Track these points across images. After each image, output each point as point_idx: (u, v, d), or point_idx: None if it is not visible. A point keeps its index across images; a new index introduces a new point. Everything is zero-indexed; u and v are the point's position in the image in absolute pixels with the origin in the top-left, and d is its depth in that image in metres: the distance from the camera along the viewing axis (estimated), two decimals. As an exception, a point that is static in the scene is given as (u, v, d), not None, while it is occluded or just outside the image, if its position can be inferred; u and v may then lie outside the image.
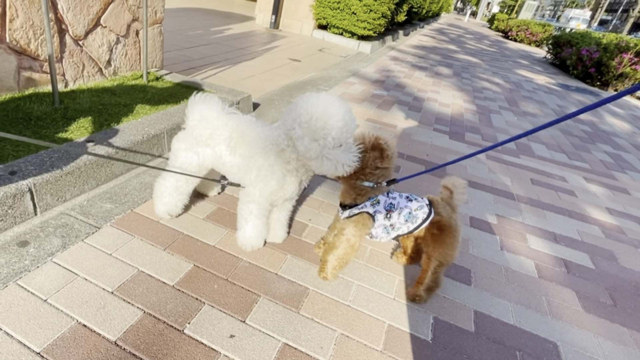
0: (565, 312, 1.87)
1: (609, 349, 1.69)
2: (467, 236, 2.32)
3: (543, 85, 8.13)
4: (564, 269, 2.19)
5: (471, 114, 5.03)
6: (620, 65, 8.57)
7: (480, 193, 2.90)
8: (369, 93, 5.07)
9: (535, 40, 18.26)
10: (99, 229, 1.82)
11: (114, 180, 2.23)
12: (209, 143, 1.78)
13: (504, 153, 3.83)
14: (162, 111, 2.81)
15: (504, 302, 1.86)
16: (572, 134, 4.95)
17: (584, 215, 2.87)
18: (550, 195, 3.10)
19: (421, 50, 10.03)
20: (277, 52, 6.46)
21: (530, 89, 7.48)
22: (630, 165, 4.19)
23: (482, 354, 1.55)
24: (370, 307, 1.68)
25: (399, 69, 7.09)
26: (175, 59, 4.80)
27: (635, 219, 2.96)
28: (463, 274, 1.99)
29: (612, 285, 2.12)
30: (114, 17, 3.18)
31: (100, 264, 1.63)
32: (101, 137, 2.29)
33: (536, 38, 18.24)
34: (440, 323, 1.66)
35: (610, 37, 9.91)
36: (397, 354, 1.48)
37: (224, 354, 1.36)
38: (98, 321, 1.39)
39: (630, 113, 6.96)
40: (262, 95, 4.18)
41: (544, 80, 8.94)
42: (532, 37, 18.45)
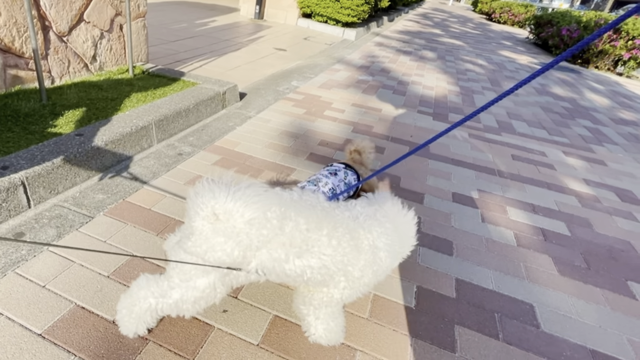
0: (542, 276, 1.95)
1: (582, 307, 1.77)
2: (449, 210, 2.39)
3: (525, 65, 8.19)
4: (541, 237, 2.27)
5: (455, 96, 5.08)
6: (600, 42, 8.64)
7: (463, 170, 2.96)
8: (354, 79, 5.10)
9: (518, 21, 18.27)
10: (92, 218, 1.86)
11: (105, 172, 2.26)
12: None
13: (486, 131, 3.90)
14: (149, 104, 2.83)
15: (484, 269, 1.93)
16: (553, 111, 5.02)
17: (562, 186, 2.95)
18: (530, 169, 3.18)
19: (406, 35, 10.03)
20: (262, 42, 6.45)
21: (512, 69, 7.53)
22: (608, 138, 4.28)
23: (462, 317, 1.62)
24: (356, 279, 1.74)
25: (384, 54, 7.10)
26: (160, 52, 4.78)
27: (610, 188, 3.05)
28: (445, 245, 2.06)
29: (586, 250, 2.21)
30: (97, 12, 3.17)
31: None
32: (90, 130, 2.31)
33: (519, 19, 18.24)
34: (423, 291, 1.73)
35: (589, 15, 9.97)
36: (382, 321, 1.55)
37: (217, 328, 1.42)
38: (96, 303, 1.44)
39: (609, 89, 7.05)
40: (248, 85, 4.19)
41: (527, 60, 9.00)
42: (515, 18, 18.46)
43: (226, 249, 1.08)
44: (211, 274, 1.13)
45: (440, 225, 2.23)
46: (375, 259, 1.18)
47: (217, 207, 1.05)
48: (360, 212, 1.22)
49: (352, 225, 1.17)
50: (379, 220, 1.21)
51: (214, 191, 1.06)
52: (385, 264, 1.21)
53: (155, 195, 2.10)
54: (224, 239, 1.07)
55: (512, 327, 1.61)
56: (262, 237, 1.07)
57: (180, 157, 2.54)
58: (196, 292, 1.17)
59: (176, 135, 2.84)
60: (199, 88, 3.32)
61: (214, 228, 1.08)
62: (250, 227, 1.06)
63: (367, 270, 1.19)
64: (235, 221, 1.06)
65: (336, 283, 1.20)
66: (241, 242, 1.07)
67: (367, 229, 1.18)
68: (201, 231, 1.09)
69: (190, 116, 2.99)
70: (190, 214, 1.10)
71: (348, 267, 1.16)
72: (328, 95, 4.25)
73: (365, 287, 1.24)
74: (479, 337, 1.54)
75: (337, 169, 1.79)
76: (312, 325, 1.35)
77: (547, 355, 1.51)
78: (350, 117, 3.69)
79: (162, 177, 2.28)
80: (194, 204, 1.08)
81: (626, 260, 2.17)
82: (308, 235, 1.11)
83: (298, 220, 1.11)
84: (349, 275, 1.18)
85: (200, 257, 1.10)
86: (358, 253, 1.16)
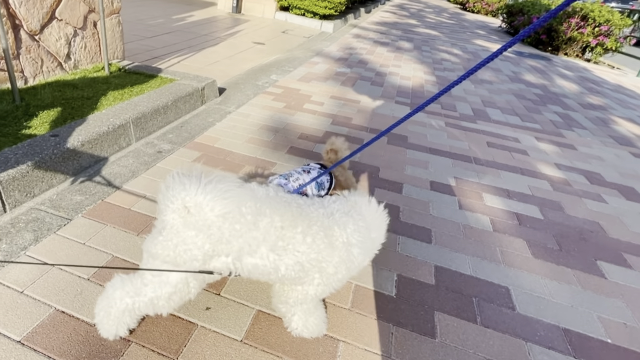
0: (517, 259, 1.97)
1: (555, 288, 1.81)
2: (427, 199, 2.40)
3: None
4: (516, 222, 2.30)
5: (431, 85, 5.09)
6: (569, 29, 8.76)
7: (440, 158, 2.98)
8: (333, 71, 5.05)
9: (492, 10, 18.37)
10: (70, 220, 1.80)
11: (83, 173, 2.19)
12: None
13: (462, 120, 3.92)
14: (126, 101, 2.74)
15: (462, 255, 1.95)
16: (525, 98, 5.08)
17: (534, 171, 3.00)
18: (505, 155, 3.21)
19: (383, 27, 9.99)
20: (240, 36, 6.33)
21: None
22: (577, 123, 4.35)
23: (441, 303, 1.63)
24: (338, 270, 1.74)
25: (362, 45, 7.06)
26: (137, 49, 4.65)
27: (580, 171, 3.11)
28: (424, 233, 2.07)
29: (558, 232, 2.25)
30: (69, 9, 3.05)
31: (75, 253, 1.62)
32: (65, 131, 2.23)
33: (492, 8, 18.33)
34: (404, 279, 1.73)
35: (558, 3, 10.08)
36: (364, 310, 1.55)
37: (201, 325, 1.39)
38: (76, 307, 1.40)
39: (578, 75, 7.17)
40: (227, 80, 4.11)
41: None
42: (489, 7, 18.55)
43: (197, 242, 1.06)
44: (182, 266, 1.10)
45: (418, 213, 2.24)
46: (349, 255, 1.18)
47: (188, 200, 1.03)
48: (336, 209, 1.20)
49: (326, 222, 1.16)
50: (353, 218, 1.20)
51: (185, 184, 1.03)
52: (358, 260, 1.21)
53: (135, 195, 2.05)
54: (195, 233, 1.05)
55: (489, 311, 1.63)
56: (235, 231, 1.05)
57: (160, 155, 2.48)
58: (169, 287, 1.14)
59: (155, 133, 2.77)
60: (177, 84, 3.24)
61: (185, 221, 1.06)
62: (223, 221, 1.04)
63: (341, 267, 1.18)
64: (205, 214, 1.03)
65: (310, 280, 1.19)
66: (212, 235, 1.05)
67: (341, 226, 1.17)
68: (172, 225, 1.07)
69: (168, 113, 2.92)
70: (161, 207, 1.08)
71: (322, 263, 1.15)
72: (307, 88, 4.21)
73: (339, 282, 1.23)
74: (457, 322, 1.55)
75: (312, 167, 1.78)
76: (293, 321, 1.35)
77: (522, 336, 1.53)
78: (329, 110, 3.66)
79: (141, 176, 2.22)
80: (164, 197, 1.06)
81: (595, 241, 2.22)
82: (283, 233, 1.10)
83: (273, 217, 1.09)
84: (323, 272, 1.17)
85: (171, 250, 1.07)
86: (332, 250, 1.15)
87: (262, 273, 1.12)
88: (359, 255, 1.19)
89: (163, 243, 1.08)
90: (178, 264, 1.10)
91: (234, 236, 1.06)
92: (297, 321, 1.34)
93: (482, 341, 1.48)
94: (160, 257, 1.09)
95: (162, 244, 1.09)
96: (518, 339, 1.51)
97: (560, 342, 1.52)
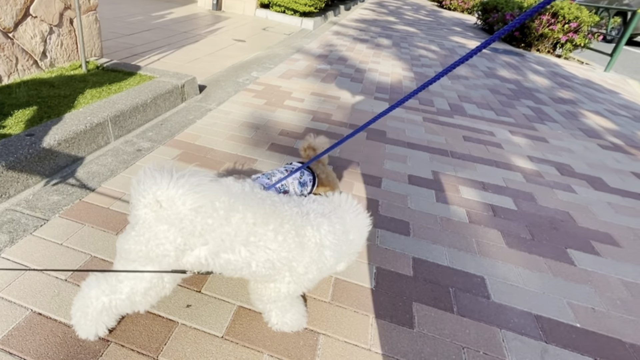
0: (492, 249, 2.00)
1: (527, 276, 1.84)
2: (405, 192, 2.41)
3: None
4: (491, 213, 2.34)
5: (409, 81, 5.11)
6: (540, 26, 8.91)
7: (418, 153, 3.00)
8: (313, 68, 5.03)
9: (467, 7, 18.55)
10: (47, 221, 1.75)
11: (60, 172, 2.12)
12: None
13: (439, 114, 3.95)
14: (104, 99, 2.67)
15: (439, 247, 1.97)
16: (500, 93, 5.16)
17: (508, 164, 3.04)
18: (480, 149, 3.25)
19: (362, 24, 9.98)
20: (221, 33, 6.23)
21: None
22: (549, 116, 4.44)
23: (419, 294, 1.65)
24: (318, 265, 1.73)
25: (342, 42, 7.04)
26: (116, 46, 4.53)
27: (551, 163, 3.17)
28: (402, 226, 2.08)
29: (531, 222, 2.29)
30: (44, 6, 2.95)
31: (52, 254, 1.57)
32: (41, 130, 2.16)
33: (468, 5, 18.52)
34: (382, 272, 1.74)
35: (530, 1, 10.24)
36: (344, 303, 1.55)
37: (181, 323, 1.37)
38: (53, 308, 1.36)
39: (549, 70, 7.31)
40: (208, 78, 4.05)
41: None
42: (464, 4, 18.73)
43: (169, 236, 1.04)
44: (155, 262, 1.08)
45: (397, 207, 2.25)
46: (321, 256, 1.17)
47: (160, 194, 1.01)
48: (312, 210, 1.19)
49: (299, 222, 1.14)
50: (330, 220, 1.19)
51: (156, 178, 1.01)
52: (330, 263, 1.20)
53: (114, 194, 2.00)
54: (167, 227, 1.04)
55: (465, 300, 1.65)
56: (207, 226, 1.04)
57: (139, 153, 2.42)
58: (144, 282, 1.12)
59: (134, 131, 2.70)
60: (157, 82, 3.17)
61: (157, 216, 1.04)
62: (195, 215, 1.02)
63: (311, 267, 1.17)
64: (178, 208, 1.01)
65: (282, 278, 1.18)
66: (184, 228, 1.03)
67: (315, 227, 1.16)
68: (144, 219, 1.05)
69: (148, 111, 2.85)
70: (133, 202, 1.05)
71: (292, 262, 1.14)
72: (288, 85, 4.18)
73: (310, 282, 1.22)
74: (435, 312, 1.57)
75: (294, 167, 1.76)
76: (272, 317, 1.34)
77: (497, 323, 1.56)
78: (309, 106, 3.64)
79: (120, 175, 2.17)
80: (136, 191, 1.03)
81: (566, 230, 2.27)
82: (255, 229, 1.08)
83: (245, 213, 1.07)
84: (293, 271, 1.16)
85: (143, 245, 1.05)
86: (302, 250, 1.14)
87: (234, 269, 1.11)
88: (331, 257, 1.19)
89: (135, 238, 1.06)
90: (151, 259, 1.08)
91: (206, 230, 1.05)
92: (275, 317, 1.33)
93: (459, 330, 1.50)
94: (133, 252, 1.07)
95: (135, 239, 1.06)
96: (493, 327, 1.54)
97: (532, 328, 1.56)
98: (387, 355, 1.36)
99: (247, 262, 1.10)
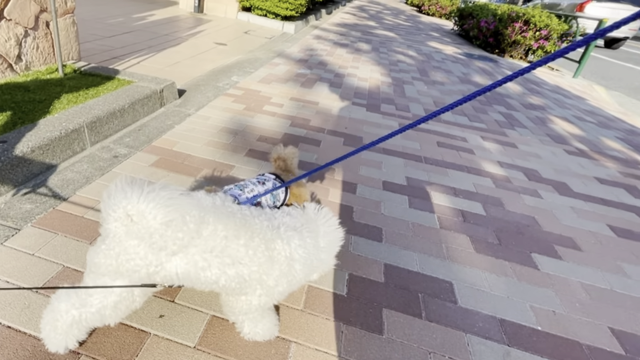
0: (460, 254, 2.05)
1: (493, 281, 1.89)
2: (379, 198, 2.44)
3: (450, 55, 8.49)
4: (461, 218, 2.39)
5: (387, 86, 5.16)
6: (513, 33, 9.12)
7: (393, 158, 3.03)
8: (293, 72, 5.02)
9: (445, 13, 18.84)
10: (19, 230, 1.70)
11: (33, 180, 2.07)
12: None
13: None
14: (80, 105, 2.61)
15: (410, 253, 2.00)
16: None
17: (479, 169, 3.11)
18: (453, 154, 3.32)
19: (343, 28, 10.02)
20: (202, 36, 6.16)
21: (439, 59, 7.78)
22: (519, 122, 4.56)
23: (389, 300, 1.67)
24: (292, 272, 1.74)
25: (322, 47, 7.05)
26: (95, 49, 4.43)
27: (520, 168, 3.26)
28: (375, 232, 2.11)
29: (498, 227, 2.35)
30: (19, 8, 2.86)
31: (23, 265, 1.54)
32: (14, 136, 2.10)
33: (445, 11, 18.81)
34: (355, 278, 1.76)
35: (503, 8, 10.46)
36: (316, 310, 1.56)
37: (154, 334, 1.36)
38: (23, 321, 1.32)
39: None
40: (188, 82, 4.00)
41: (452, 50, 9.33)
42: (442, 10, 19.02)
43: (139, 252, 1.03)
44: (125, 276, 1.07)
45: (370, 213, 2.28)
46: (291, 270, 1.18)
47: (130, 208, 1.00)
48: (283, 223, 1.20)
49: (269, 235, 1.15)
50: (301, 234, 1.20)
51: (127, 192, 1.00)
52: (299, 276, 1.21)
53: (89, 202, 1.96)
54: (137, 242, 1.03)
55: (433, 305, 1.68)
56: (178, 240, 1.03)
57: (116, 159, 2.38)
58: (114, 295, 1.11)
59: (111, 137, 2.65)
60: (135, 86, 3.11)
61: (127, 230, 1.03)
62: (166, 229, 1.02)
63: (281, 280, 1.18)
64: (148, 222, 1.01)
65: (252, 290, 1.18)
66: (154, 243, 1.02)
67: (285, 240, 1.16)
68: (115, 234, 1.04)
69: (125, 116, 2.80)
70: (103, 216, 1.04)
71: (263, 276, 1.15)
72: (267, 89, 4.16)
73: (280, 295, 1.23)
74: (404, 317, 1.60)
75: (267, 178, 1.76)
76: (244, 327, 1.34)
77: (463, 328, 1.60)
78: (288, 112, 3.64)
79: (96, 182, 2.13)
80: (106, 205, 1.02)
81: (531, 234, 2.34)
82: (226, 243, 1.08)
83: (216, 226, 1.07)
84: (263, 284, 1.17)
85: (113, 260, 1.04)
86: (272, 263, 1.15)
87: (205, 282, 1.11)
88: (301, 271, 1.20)
89: (105, 252, 1.05)
90: (121, 274, 1.07)
91: (177, 245, 1.04)
92: (247, 327, 1.33)
93: (426, 335, 1.53)
94: (103, 266, 1.06)
95: (105, 253, 1.05)
96: (459, 331, 1.58)
97: (496, 332, 1.60)
98: (357, 361, 1.38)
99: (217, 276, 1.10)
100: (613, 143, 4.35)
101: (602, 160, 3.78)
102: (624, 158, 3.93)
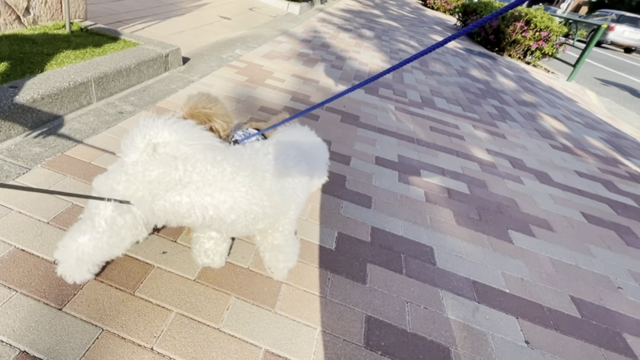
0: (442, 225, 2.19)
1: (470, 249, 2.04)
2: (371, 172, 2.56)
3: (451, 49, 8.57)
4: (446, 195, 2.52)
5: (386, 72, 5.24)
6: (514, 32, 9.22)
7: (387, 137, 3.15)
8: (296, 51, 5.08)
9: (450, 8, 18.82)
10: (29, 169, 1.79)
11: (42, 127, 2.14)
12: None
13: (411, 105, 4.12)
14: (88, 60, 2.67)
15: (396, 220, 2.13)
16: (469, 91, 5.38)
17: (468, 154, 3.25)
18: (444, 139, 3.44)
19: (347, 14, 10.02)
20: (207, 9, 6.16)
21: (439, 52, 7.86)
22: (510, 116, 4.69)
23: (374, 257, 1.80)
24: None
25: (326, 30, 7.09)
26: (100, 11, 4.43)
27: (506, 157, 3.40)
28: (365, 200, 2.23)
29: (480, 205, 2.49)
30: (29, -38, 2.88)
31: (34, 198, 1.63)
32: (24, 83, 2.17)
33: (450, 6, 18.78)
34: (343, 236, 1.89)
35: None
36: (306, 260, 1.68)
37: (157, 267, 1.47)
38: (36, 246, 1.43)
39: (517, 74, 7.62)
40: (192, 51, 4.05)
41: (452, 44, 9.40)
42: (447, 5, 18.98)
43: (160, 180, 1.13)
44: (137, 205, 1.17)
45: (362, 183, 2.40)
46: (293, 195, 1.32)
47: (156, 138, 1.10)
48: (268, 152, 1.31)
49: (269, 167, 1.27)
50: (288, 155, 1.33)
51: (155, 123, 1.09)
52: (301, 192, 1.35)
53: (95, 151, 2.05)
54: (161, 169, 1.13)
55: (414, 264, 1.82)
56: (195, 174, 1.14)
57: (121, 115, 2.46)
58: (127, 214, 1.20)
59: (117, 94, 2.72)
60: (141, 48, 3.17)
61: (150, 159, 1.13)
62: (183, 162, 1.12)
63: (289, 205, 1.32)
64: (173, 152, 1.12)
65: (271, 224, 1.31)
66: (169, 174, 1.13)
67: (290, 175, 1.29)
68: (137, 161, 1.14)
69: (131, 76, 2.87)
70: (127, 145, 1.12)
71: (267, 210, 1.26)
72: (270, 65, 4.23)
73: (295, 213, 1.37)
74: (386, 272, 1.73)
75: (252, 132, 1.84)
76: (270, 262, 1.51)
77: (439, 285, 1.74)
78: (289, 87, 3.72)
79: (102, 134, 2.21)
80: (133, 135, 1.11)
81: (510, 214, 2.49)
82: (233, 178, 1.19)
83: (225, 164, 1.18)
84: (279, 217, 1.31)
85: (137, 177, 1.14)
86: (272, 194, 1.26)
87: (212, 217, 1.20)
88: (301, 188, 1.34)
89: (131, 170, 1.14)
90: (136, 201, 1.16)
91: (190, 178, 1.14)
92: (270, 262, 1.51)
93: (405, 288, 1.67)
94: (120, 193, 1.15)
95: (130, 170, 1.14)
96: (435, 287, 1.72)
97: (468, 291, 1.75)
98: (341, 304, 1.51)
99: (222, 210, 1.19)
100: (596, 142, 4.52)
101: (584, 156, 3.94)
102: (605, 156, 4.09)
